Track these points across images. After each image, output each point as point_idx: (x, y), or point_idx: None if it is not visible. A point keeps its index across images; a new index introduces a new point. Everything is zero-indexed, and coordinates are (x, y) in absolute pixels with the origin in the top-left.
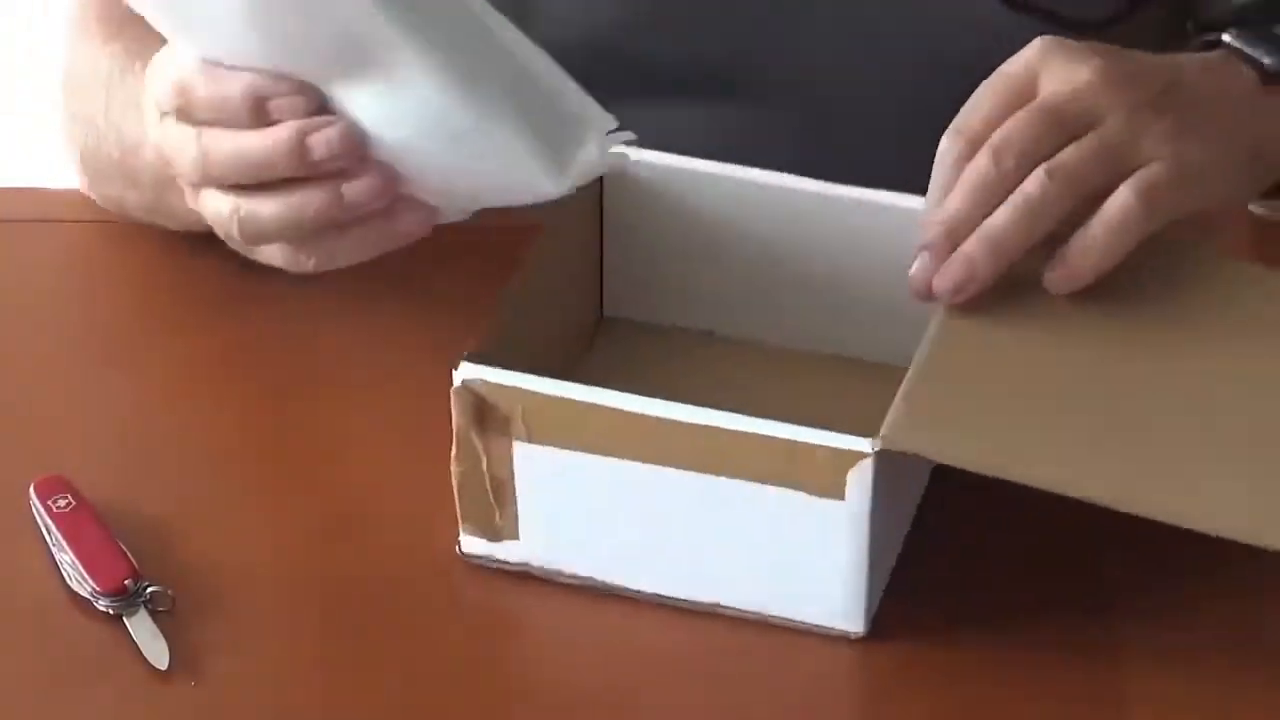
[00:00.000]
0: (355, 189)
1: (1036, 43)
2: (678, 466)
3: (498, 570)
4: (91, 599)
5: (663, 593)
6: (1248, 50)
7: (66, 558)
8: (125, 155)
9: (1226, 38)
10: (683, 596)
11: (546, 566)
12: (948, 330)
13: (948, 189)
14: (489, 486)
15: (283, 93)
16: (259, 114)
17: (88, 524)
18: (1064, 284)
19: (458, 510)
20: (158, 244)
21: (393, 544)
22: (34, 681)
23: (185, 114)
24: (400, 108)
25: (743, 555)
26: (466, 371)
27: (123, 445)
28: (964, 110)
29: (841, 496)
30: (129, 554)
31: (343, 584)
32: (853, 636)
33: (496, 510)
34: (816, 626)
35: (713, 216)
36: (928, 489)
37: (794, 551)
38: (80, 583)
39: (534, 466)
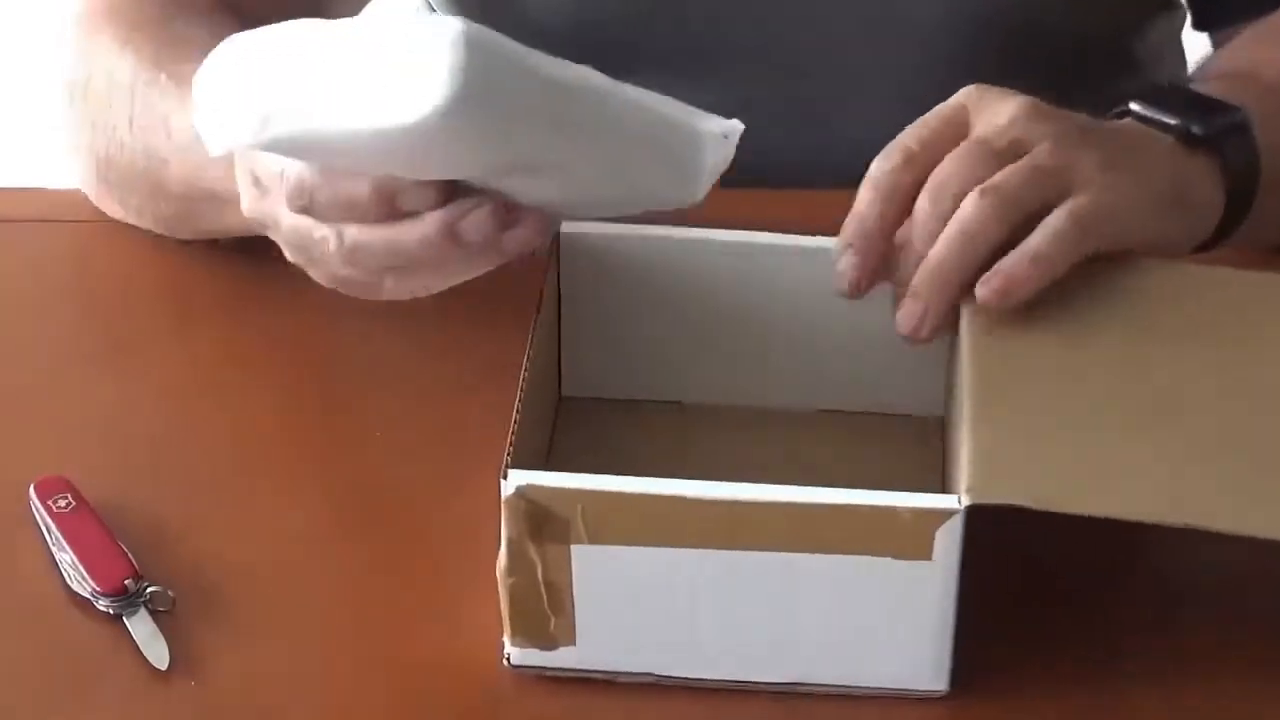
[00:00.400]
0: (515, 238)
1: (967, 88)
2: (754, 549)
3: (551, 679)
4: (91, 599)
5: (736, 679)
6: (1154, 116)
7: (66, 558)
8: (152, 167)
9: (1134, 106)
10: (758, 680)
11: (608, 669)
12: (978, 374)
13: (877, 202)
14: (544, 595)
15: (406, 187)
16: (390, 210)
17: (88, 524)
18: (996, 298)
19: (505, 623)
20: (158, 244)
21: (391, 543)
22: (34, 681)
23: (309, 212)
24: (544, 188)
25: (824, 629)
26: (518, 479)
27: (123, 445)
28: (900, 135)
29: (929, 556)
30: (129, 554)
31: (342, 584)
32: (937, 695)
33: (552, 619)
34: (902, 690)
35: (666, 281)
36: None
37: (879, 617)
38: (80, 583)
39: (595, 568)
